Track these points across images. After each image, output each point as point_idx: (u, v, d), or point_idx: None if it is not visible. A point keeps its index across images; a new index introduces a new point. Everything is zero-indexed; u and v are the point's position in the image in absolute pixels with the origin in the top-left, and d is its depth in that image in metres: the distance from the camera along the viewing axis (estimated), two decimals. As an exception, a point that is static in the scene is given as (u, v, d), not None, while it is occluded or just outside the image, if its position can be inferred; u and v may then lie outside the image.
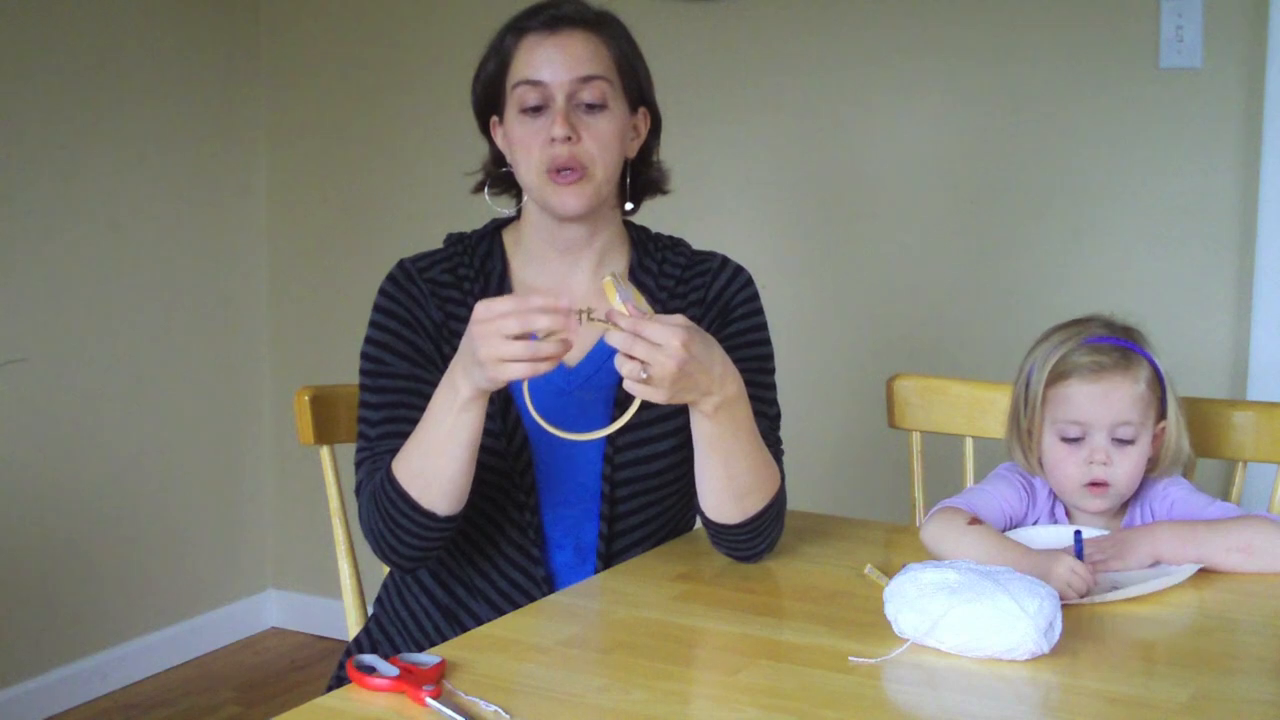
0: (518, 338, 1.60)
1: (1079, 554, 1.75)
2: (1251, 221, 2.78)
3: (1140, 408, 1.89)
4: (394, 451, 1.80)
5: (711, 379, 1.68)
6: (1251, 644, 1.67)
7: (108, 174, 3.46)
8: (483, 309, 1.62)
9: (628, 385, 1.64)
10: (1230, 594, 1.76)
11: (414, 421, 1.78)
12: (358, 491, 1.87)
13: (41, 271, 3.34)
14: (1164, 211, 2.87)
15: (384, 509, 1.78)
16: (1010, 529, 1.93)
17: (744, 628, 1.66)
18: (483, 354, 1.62)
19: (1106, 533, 1.87)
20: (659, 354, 1.61)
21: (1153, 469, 1.94)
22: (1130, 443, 1.89)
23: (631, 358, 1.62)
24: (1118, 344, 1.91)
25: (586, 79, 1.86)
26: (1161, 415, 1.92)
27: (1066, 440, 1.90)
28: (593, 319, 1.64)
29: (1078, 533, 1.81)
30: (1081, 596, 1.69)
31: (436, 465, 1.73)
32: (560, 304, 1.60)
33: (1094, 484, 1.89)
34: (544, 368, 1.62)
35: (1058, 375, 1.91)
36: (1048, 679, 1.50)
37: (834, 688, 1.48)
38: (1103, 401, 1.88)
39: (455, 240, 1.99)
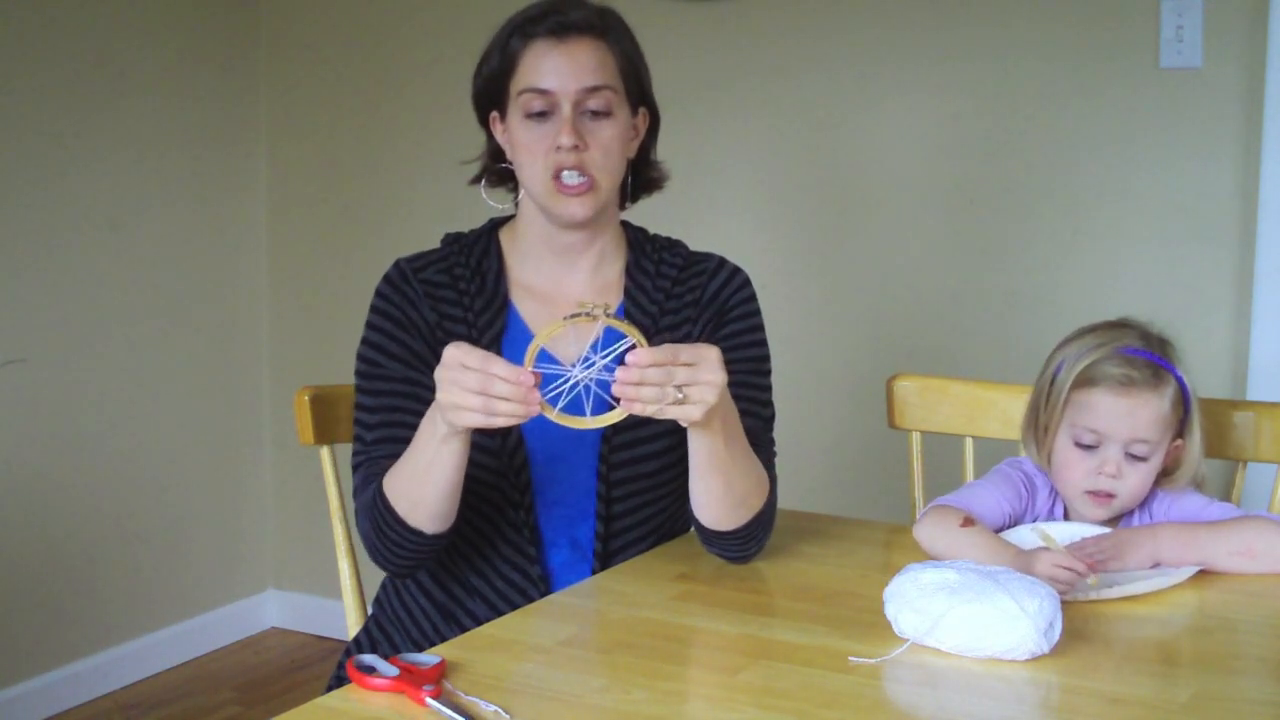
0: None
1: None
2: (1251, 221, 2.77)
3: (1161, 427, 1.87)
4: (391, 457, 1.81)
5: (732, 400, 1.72)
6: (1251, 644, 1.67)
7: (108, 174, 3.45)
8: (451, 353, 1.62)
9: (652, 410, 1.61)
10: (1231, 594, 1.76)
11: (407, 425, 1.79)
12: (355, 495, 1.88)
13: (41, 271, 3.33)
14: (1164, 211, 2.86)
15: (376, 522, 1.80)
16: (1008, 527, 1.92)
17: (743, 628, 1.66)
18: (443, 398, 1.63)
19: (1107, 531, 1.87)
20: (702, 374, 1.61)
21: (1163, 482, 1.93)
22: (1144, 459, 1.87)
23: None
24: (1151, 359, 1.88)
25: (593, 89, 1.85)
26: (1180, 433, 1.90)
27: (1080, 445, 1.88)
28: (609, 317, 1.62)
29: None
30: (1072, 588, 1.68)
31: (422, 491, 1.75)
32: (523, 378, 1.59)
33: (1096, 493, 1.88)
34: (500, 422, 1.61)
35: (1085, 380, 1.88)
36: (1048, 679, 1.50)
37: (834, 688, 1.48)
38: (1127, 417, 1.86)
39: (452, 240, 1.99)
